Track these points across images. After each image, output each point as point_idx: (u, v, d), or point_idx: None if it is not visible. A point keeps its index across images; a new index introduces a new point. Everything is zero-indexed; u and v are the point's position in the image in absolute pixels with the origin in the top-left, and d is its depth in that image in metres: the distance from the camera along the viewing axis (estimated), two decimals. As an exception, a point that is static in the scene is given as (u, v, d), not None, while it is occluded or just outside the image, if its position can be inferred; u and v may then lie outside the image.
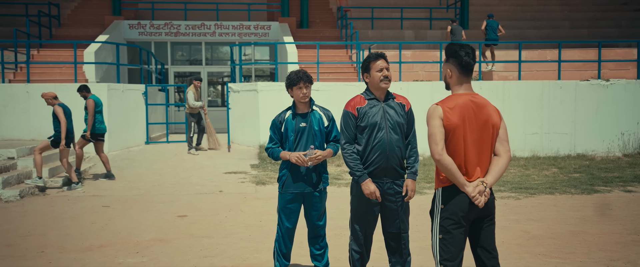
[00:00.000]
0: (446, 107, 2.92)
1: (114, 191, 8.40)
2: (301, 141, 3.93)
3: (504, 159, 2.97)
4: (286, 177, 3.98)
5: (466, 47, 2.99)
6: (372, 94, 3.66)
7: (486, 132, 2.93)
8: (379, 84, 3.60)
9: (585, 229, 5.99)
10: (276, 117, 4.05)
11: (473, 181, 2.92)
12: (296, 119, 3.97)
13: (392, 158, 3.58)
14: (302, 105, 3.99)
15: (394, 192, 3.64)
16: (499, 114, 3.01)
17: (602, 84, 11.56)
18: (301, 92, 3.90)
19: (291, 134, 3.94)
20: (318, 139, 3.97)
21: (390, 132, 3.58)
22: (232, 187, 8.63)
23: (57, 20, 15.90)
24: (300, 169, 3.93)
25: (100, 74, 13.10)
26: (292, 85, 3.91)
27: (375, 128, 3.57)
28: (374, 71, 3.61)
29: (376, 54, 3.64)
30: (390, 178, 3.61)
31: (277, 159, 4.01)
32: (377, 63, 3.61)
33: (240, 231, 6.00)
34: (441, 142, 2.87)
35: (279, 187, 4.06)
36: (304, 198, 4.02)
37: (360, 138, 3.63)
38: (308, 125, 3.95)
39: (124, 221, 6.51)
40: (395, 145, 3.59)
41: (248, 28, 16.32)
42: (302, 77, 3.88)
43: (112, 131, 11.13)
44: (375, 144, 3.56)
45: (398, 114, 3.64)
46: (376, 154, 3.56)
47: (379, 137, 3.56)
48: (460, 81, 3.00)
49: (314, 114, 4.02)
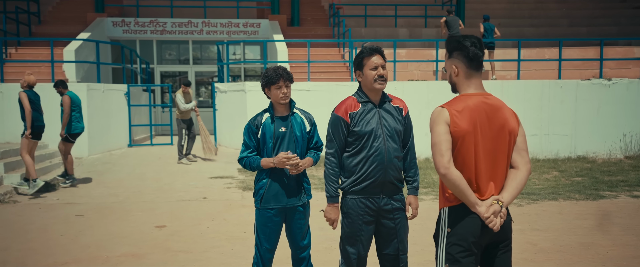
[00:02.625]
0: (454, 110, 2.42)
1: (90, 198, 7.88)
2: (281, 147, 3.42)
3: (523, 172, 2.48)
4: (265, 189, 3.45)
5: (471, 37, 2.49)
6: (366, 96, 3.15)
7: (502, 139, 2.45)
8: (373, 84, 3.09)
9: (596, 240, 5.54)
10: (251, 121, 3.50)
11: (486, 199, 2.43)
12: (275, 122, 3.44)
13: (390, 171, 3.09)
14: (281, 107, 3.48)
15: (392, 209, 3.15)
16: (516, 118, 2.52)
17: (604, 83, 11.15)
18: (281, 92, 3.38)
19: (270, 140, 3.42)
20: (300, 145, 3.47)
21: (388, 141, 3.09)
22: (217, 194, 8.14)
23: (37, 17, 15.27)
24: (285, 173, 3.41)
25: (81, 73, 12.52)
26: (270, 84, 3.39)
27: (371, 136, 3.07)
28: (367, 69, 3.10)
29: (371, 49, 3.11)
30: (387, 194, 3.13)
31: (255, 169, 3.48)
32: (371, 59, 3.09)
33: (222, 243, 5.52)
34: (448, 153, 2.38)
35: (255, 202, 3.52)
36: (286, 214, 3.51)
37: (352, 148, 3.14)
38: (289, 130, 3.44)
39: (97, 232, 6.01)
40: (394, 155, 3.11)
41: (237, 26, 15.78)
42: (282, 75, 3.36)
43: (92, 133, 10.60)
44: (371, 154, 3.07)
45: (395, 119, 3.16)
46: (372, 167, 3.07)
47: (376, 147, 3.06)
48: (468, 78, 2.50)
49: (295, 118, 3.50)
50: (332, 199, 3.16)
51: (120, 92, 11.71)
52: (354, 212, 3.12)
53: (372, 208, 3.12)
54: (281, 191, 3.43)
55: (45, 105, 8.60)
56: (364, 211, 3.12)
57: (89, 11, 15.63)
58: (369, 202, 3.12)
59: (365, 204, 3.12)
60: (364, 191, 3.10)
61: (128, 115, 11.90)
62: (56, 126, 8.78)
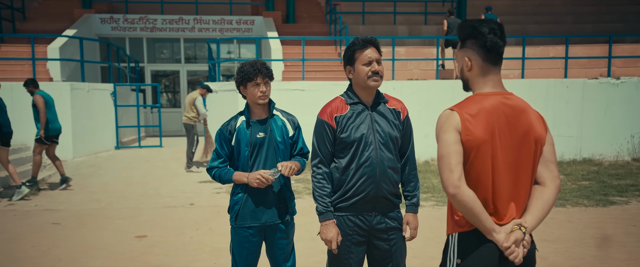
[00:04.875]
0: (466, 114, 1.95)
1: (70, 204, 7.43)
2: (259, 156, 2.94)
3: (551, 189, 2.01)
4: (241, 205, 2.97)
5: (490, 22, 2.01)
6: (356, 96, 2.69)
7: (526, 150, 1.98)
8: (366, 82, 2.63)
9: (611, 253, 5.10)
10: (223, 126, 3.02)
11: (505, 223, 1.97)
12: (252, 127, 2.95)
13: (384, 184, 2.63)
14: (259, 108, 2.99)
15: (386, 229, 2.69)
16: (543, 123, 2.05)
17: (612, 82, 10.70)
18: (258, 90, 2.90)
19: (245, 148, 2.93)
20: (281, 153, 2.99)
21: (381, 150, 2.63)
22: (205, 199, 7.69)
23: (22, 13, 14.75)
24: (272, 186, 2.94)
25: (66, 72, 12.03)
26: (246, 80, 2.91)
27: (360, 144, 2.62)
28: (359, 64, 2.63)
29: (364, 40, 2.64)
30: (380, 210, 2.67)
31: (226, 183, 2.99)
32: (364, 53, 2.62)
33: (205, 256, 5.08)
34: (458, 167, 1.91)
35: (231, 220, 3.03)
36: (266, 233, 3.03)
37: (340, 156, 2.67)
38: (268, 135, 2.96)
39: (72, 243, 5.56)
40: (388, 166, 2.65)
41: (230, 23, 15.29)
42: (260, 70, 2.88)
43: (77, 135, 10.13)
44: (360, 165, 2.61)
45: (391, 124, 2.69)
46: (362, 180, 2.61)
47: (366, 157, 2.61)
48: (484, 73, 2.02)
49: (275, 121, 3.02)
50: (324, 216, 2.66)
51: (106, 91, 11.22)
52: (342, 231, 2.67)
53: (363, 227, 2.67)
54: (259, 206, 2.95)
55: (20, 106, 8.15)
56: (353, 230, 2.66)
57: (76, 7, 15.12)
58: (359, 220, 2.66)
59: (354, 222, 2.66)
60: (353, 207, 2.65)
61: (115, 116, 11.41)
62: (31, 126, 8.32)
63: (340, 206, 2.68)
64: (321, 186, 2.66)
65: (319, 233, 2.69)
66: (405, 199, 2.81)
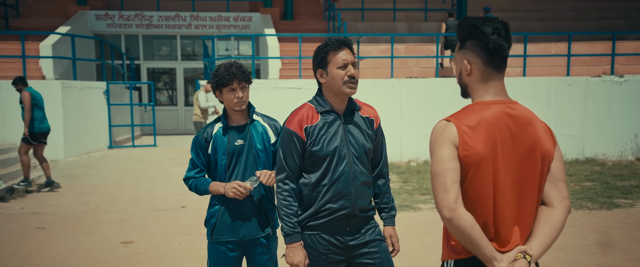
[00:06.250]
0: (464, 126, 1.71)
1: (58, 206, 7.21)
2: (238, 165, 2.71)
3: (560, 211, 1.77)
4: (217, 218, 2.74)
5: (493, 20, 1.75)
6: (328, 104, 2.41)
7: (531, 167, 1.74)
8: (340, 88, 2.36)
9: (618, 262, 4.87)
10: (199, 133, 2.80)
11: (508, 251, 1.73)
12: (229, 134, 2.73)
13: (358, 201, 2.39)
14: (237, 114, 2.76)
15: (365, 243, 2.44)
16: (552, 136, 1.82)
17: (616, 80, 10.45)
18: (234, 95, 2.67)
19: (223, 157, 2.71)
20: (263, 161, 2.75)
21: (355, 164, 2.38)
22: (198, 202, 7.46)
23: (16, 10, 14.50)
24: (252, 197, 2.72)
25: (60, 70, 11.80)
26: (221, 85, 2.67)
27: (333, 158, 2.36)
28: (333, 67, 2.35)
29: (338, 41, 2.38)
30: (354, 227, 2.43)
31: (203, 194, 2.78)
32: (338, 55, 2.35)
33: (192, 264, 4.86)
34: (454, 187, 1.67)
35: (207, 234, 2.82)
36: (245, 248, 2.80)
37: (309, 171, 2.41)
38: (247, 142, 2.73)
39: (55, 249, 5.35)
40: (362, 182, 2.41)
41: (227, 20, 15.03)
42: (236, 75, 2.64)
43: (68, 134, 9.90)
44: (334, 181, 2.36)
45: (365, 134, 2.44)
46: (337, 197, 2.36)
47: (340, 172, 2.36)
48: (486, 79, 1.78)
49: (255, 127, 2.79)
50: (290, 238, 2.38)
51: (99, 90, 10.98)
52: (315, 251, 2.40)
53: (338, 245, 2.41)
54: (237, 220, 2.72)
55: (10, 105, 7.93)
56: (328, 249, 2.40)
57: (70, 4, 14.86)
58: (333, 239, 2.41)
59: (328, 241, 2.41)
60: (324, 226, 2.39)
61: (108, 115, 11.18)
62: (21, 126, 8.11)
63: (310, 224, 2.42)
64: (288, 204, 2.39)
65: (283, 256, 2.43)
66: (382, 212, 2.58)
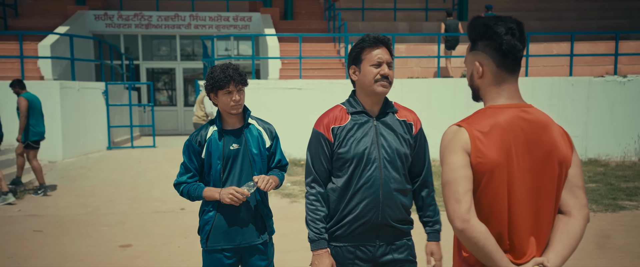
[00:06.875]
0: (477, 132, 1.62)
1: (56, 209, 7.13)
2: (233, 170, 2.63)
3: (578, 220, 1.69)
4: (212, 225, 2.65)
5: (507, 20, 1.65)
6: (360, 104, 2.27)
7: (548, 173, 1.65)
8: (372, 87, 2.21)
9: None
10: (192, 136, 2.70)
11: (524, 263, 1.64)
12: (224, 138, 2.64)
13: (388, 210, 2.22)
14: (232, 117, 2.68)
15: (393, 260, 2.28)
16: (569, 141, 1.72)
17: (619, 80, 10.36)
18: (231, 99, 2.59)
19: (217, 161, 2.62)
20: (258, 166, 2.67)
21: (386, 168, 2.21)
22: (197, 204, 7.27)
23: (14, 10, 14.40)
24: (248, 202, 2.64)
25: (58, 70, 11.70)
26: (217, 88, 2.59)
27: (362, 161, 2.20)
28: (367, 64, 2.22)
29: (376, 38, 2.24)
30: (385, 240, 2.27)
31: (196, 200, 2.69)
32: (374, 52, 2.21)
33: (191, 269, 4.76)
34: (467, 197, 1.58)
35: (201, 241, 2.73)
36: (242, 256, 2.72)
37: (337, 175, 2.27)
38: (242, 147, 2.65)
39: (51, 253, 5.27)
40: (394, 189, 2.23)
41: (227, 19, 14.93)
42: (233, 77, 2.55)
43: (67, 135, 9.82)
44: (360, 186, 2.21)
45: (400, 138, 2.27)
46: (363, 204, 2.21)
47: (368, 176, 2.20)
48: (499, 82, 1.68)
49: (251, 131, 2.71)
50: (316, 244, 2.23)
51: (98, 90, 10.88)
52: (339, 265, 2.27)
53: (364, 258, 2.27)
54: (233, 226, 2.63)
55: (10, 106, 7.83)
56: (353, 263, 2.27)
57: (69, 4, 14.75)
58: (359, 252, 2.26)
59: (354, 254, 2.26)
60: (352, 236, 2.25)
61: (106, 116, 11.09)
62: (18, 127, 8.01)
63: (337, 234, 2.29)
64: (314, 208, 2.25)
65: (310, 265, 2.29)
66: (426, 226, 2.39)
